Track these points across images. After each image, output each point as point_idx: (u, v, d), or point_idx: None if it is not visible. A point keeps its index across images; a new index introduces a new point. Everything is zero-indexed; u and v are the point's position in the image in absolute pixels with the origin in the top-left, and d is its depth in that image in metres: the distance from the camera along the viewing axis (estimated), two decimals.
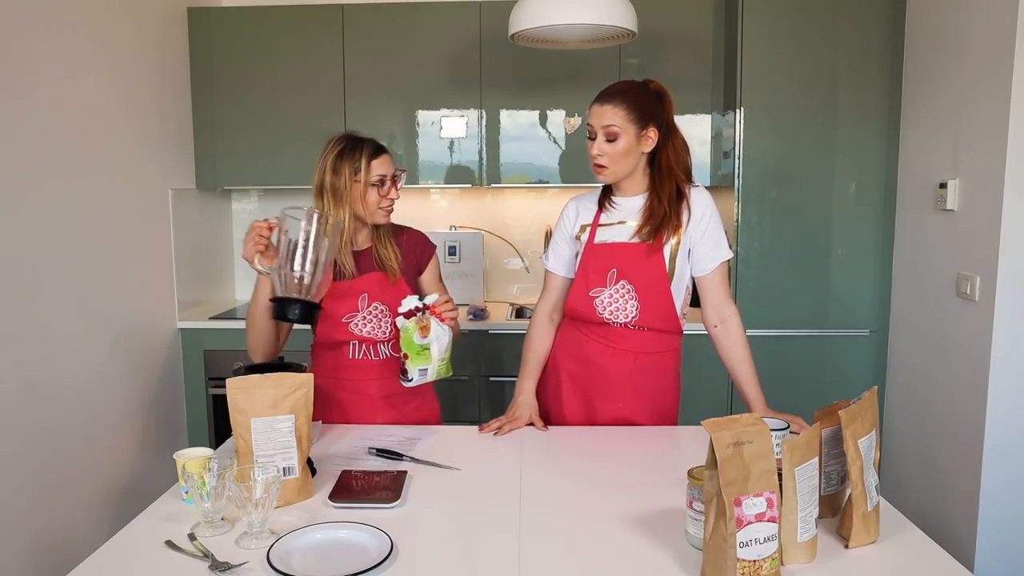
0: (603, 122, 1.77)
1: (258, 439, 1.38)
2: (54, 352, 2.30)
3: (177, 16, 3.09)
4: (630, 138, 1.77)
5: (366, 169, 1.80)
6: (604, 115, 1.77)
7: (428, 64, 3.12)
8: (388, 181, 1.84)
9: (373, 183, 1.81)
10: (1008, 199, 2.24)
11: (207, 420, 3.12)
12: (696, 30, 3.04)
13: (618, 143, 1.77)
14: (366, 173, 1.79)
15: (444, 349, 1.72)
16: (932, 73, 2.64)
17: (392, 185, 1.85)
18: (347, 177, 1.79)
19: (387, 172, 1.83)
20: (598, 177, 1.85)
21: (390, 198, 1.85)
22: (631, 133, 1.77)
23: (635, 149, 1.79)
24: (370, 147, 1.82)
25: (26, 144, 2.19)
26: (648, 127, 1.78)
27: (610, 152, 1.78)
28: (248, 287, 3.61)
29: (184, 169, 3.16)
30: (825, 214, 2.92)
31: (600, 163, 1.80)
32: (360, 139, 1.84)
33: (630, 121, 1.76)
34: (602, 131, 1.77)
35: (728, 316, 1.88)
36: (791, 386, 2.89)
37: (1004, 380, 2.30)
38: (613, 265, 1.85)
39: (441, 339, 1.71)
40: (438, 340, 1.70)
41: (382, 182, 1.82)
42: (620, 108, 1.77)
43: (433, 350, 1.70)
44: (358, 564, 1.15)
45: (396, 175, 1.86)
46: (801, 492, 1.15)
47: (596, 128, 1.79)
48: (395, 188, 1.86)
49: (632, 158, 1.80)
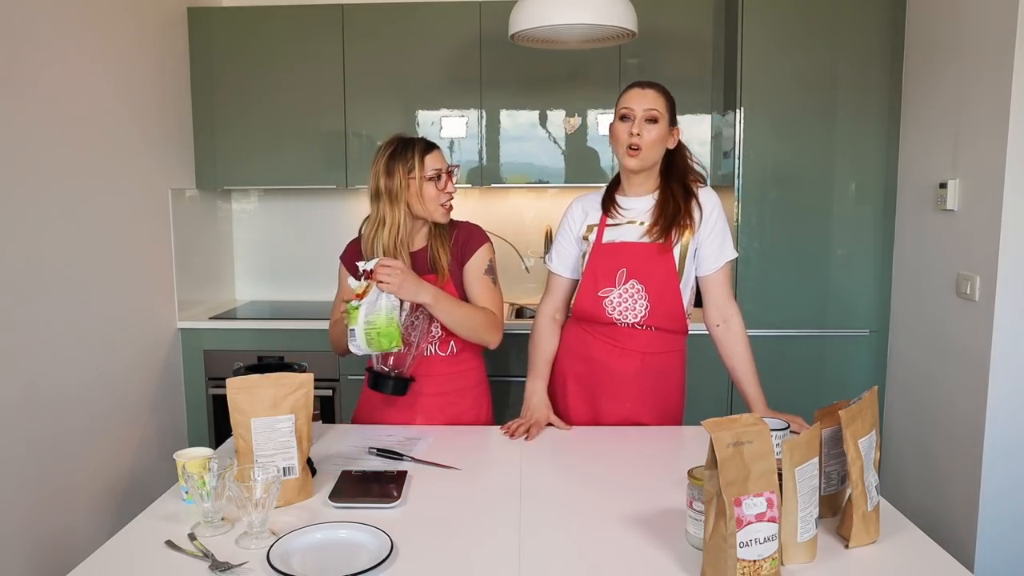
0: (646, 104, 1.80)
1: (258, 439, 1.39)
2: (53, 351, 2.30)
3: (177, 16, 3.09)
4: (664, 127, 1.81)
5: (420, 166, 1.80)
6: (647, 98, 1.80)
7: (428, 64, 3.12)
8: (444, 175, 1.84)
9: (429, 177, 1.81)
10: (1008, 199, 2.24)
11: (207, 420, 3.12)
12: (696, 30, 3.04)
13: (656, 128, 1.80)
14: (420, 169, 1.80)
15: (378, 315, 1.66)
16: (932, 73, 2.64)
17: (448, 179, 1.85)
18: (402, 176, 1.80)
19: (441, 166, 1.84)
20: (629, 162, 1.82)
21: (448, 192, 1.85)
22: (665, 123, 1.81)
23: (664, 140, 1.83)
24: (421, 144, 1.84)
25: (26, 144, 2.19)
26: (675, 125, 1.85)
27: (648, 135, 1.79)
28: (248, 287, 3.63)
29: (184, 169, 3.16)
30: (825, 214, 2.92)
31: (637, 143, 1.79)
32: (409, 139, 1.85)
33: (667, 111, 1.82)
34: (644, 112, 1.79)
35: (730, 316, 1.88)
36: (791, 386, 2.89)
37: (1004, 380, 2.30)
38: (622, 265, 1.85)
39: (375, 303, 1.66)
40: (370, 304, 1.66)
41: (438, 176, 1.83)
42: (661, 96, 1.82)
43: (360, 312, 1.65)
44: (358, 564, 1.15)
45: (450, 169, 1.87)
46: (801, 492, 1.15)
47: (637, 110, 1.79)
48: (451, 182, 1.86)
49: (661, 148, 1.83)
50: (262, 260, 3.63)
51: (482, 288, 1.89)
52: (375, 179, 1.82)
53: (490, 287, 1.90)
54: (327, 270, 1.90)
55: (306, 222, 3.57)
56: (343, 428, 1.86)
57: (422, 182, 1.81)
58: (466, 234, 1.92)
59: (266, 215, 3.61)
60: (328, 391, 3.03)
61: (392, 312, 1.67)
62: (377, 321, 1.66)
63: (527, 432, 1.80)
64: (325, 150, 3.19)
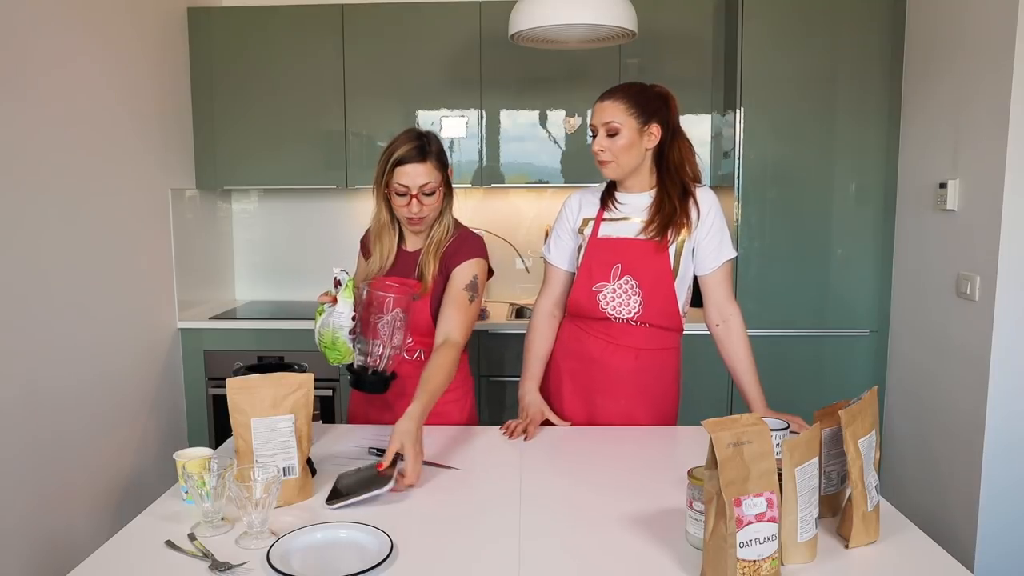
0: (603, 119, 1.81)
1: (258, 439, 1.39)
2: (53, 351, 2.30)
3: (177, 16, 3.09)
4: (632, 132, 1.79)
5: (387, 175, 1.75)
6: (604, 111, 1.81)
7: (428, 64, 3.12)
8: (411, 195, 1.73)
9: (396, 192, 1.75)
10: (1008, 199, 2.24)
11: (207, 420, 3.12)
12: (696, 30, 3.04)
13: (619, 138, 1.79)
14: (388, 178, 1.75)
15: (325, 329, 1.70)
16: (932, 73, 2.64)
17: (414, 199, 1.74)
18: (379, 175, 1.77)
19: (410, 184, 1.73)
20: (603, 172, 1.86)
21: (413, 212, 1.75)
22: (632, 128, 1.79)
23: (638, 144, 1.81)
24: (404, 151, 1.73)
25: (26, 144, 2.19)
26: (650, 123, 1.81)
27: (611, 147, 1.80)
28: (248, 287, 3.63)
29: (184, 169, 3.16)
30: (825, 214, 2.92)
31: (603, 159, 1.82)
32: (408, 139, 1.75)
33: (630, 116, 1.79)
34: (603, 127, 1.80)
35: (730, 315, 1.88)
36: (791, 386, 2.89)
37: (1004, 380, 2.30)
38: (617, 260, 1.85)
39: (328, 317, 1.70)
40: (326, 315, 1.71)
41: (404, 193, 1.74)
42: (620, 103, 1.80)
43: (318, 320, 1.72)
44: (358, 564, 1.15)
45: (426, 191, 1.74)
46: (801, 492, 1.15)
47: (597, 125, 1.82)
48: (418, 202, 1.74)
49: (635, 153, 1.82)
50: (262, 260, 3.63)
51: (455, 307, 1.78)
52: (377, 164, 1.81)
53: (464, 307, 1.79)
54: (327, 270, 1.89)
55: (306, 222, 3.57)
56: (343, 428, 1.86)
57: (391, 191, 1.76)
58: (459, 243, 1.85)
59: (266, 215, 3.61)
60: (328, 391, 3.03)
61: (337, 332, 1.69)
62: (324, 335, 1.71)
63: (525, 432, 1.80)
64: (325, 150, 3.19)
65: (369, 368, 1.73)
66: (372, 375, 1.73)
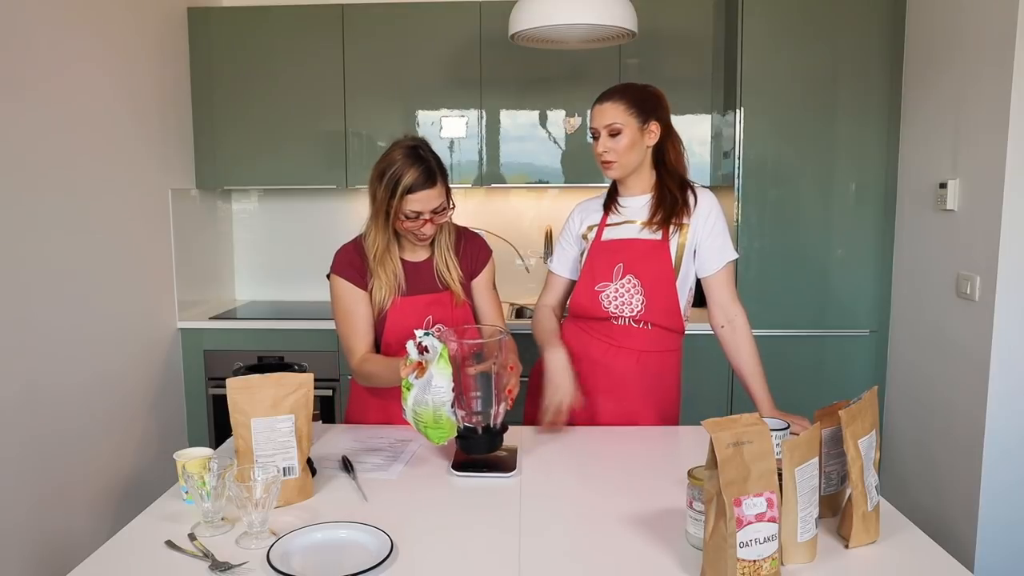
0: (605, 120, 1.81)
1: (258, 439, 1.39)
2: (53, 351, 2.30)
3: (177, 16, 3.09)
4: (633, 132, 1.81)
5: (397, 204, 1.69)
6: (604, 113, 1.82)
7: (428, 64, 3.12)
8: (423, 217, 1.71)
9: (407, 217, 1.71)
10: (1008, 199, 2.24)
11: (207, 420, 3.12)
12: (696, 30, 3.04)
13: (622, 138, 1.81)
14: (399, 206, 1.69)
15: (425, 409, 1.47)
16: (932, 73, 2.63)
17: (427, 222, 1.72)
18: (382, 201, 1.71)
19: (423, 208, 1.69)
20: (607, 174, 1.87)
21: (424, 232, 1.74)
22: (633, 127, 1.81)
23: (640, 143, 1.83)
24: (412, 178, 1.67)
25: (26, 144, 2.19)
26: (650, 121, 1.83)
27: (615, 148, 1.81)
28: (248, 287, 3.63)
29: (184, 169, 3.16)
30: (825, 214, 2.92)
31: (607, 159, 1.83)
32: (411, 162, 1.68)
33: (631, 115, 1.81)
34: (605, 129, 1.81)
35: (735, 316, 1.89)
36: (791, 386, 2.88)
37: (1004, 380, 2.30)
38: (619, 260, 1.86)
39: (424, 393, 1.47)
40: (421, 389, 1.47)
41: (416, 216, 1.71)
42: (619, 104, 1.81)
43: (410, 396, 1.48)
44: (358, 564, 1.15)
45: (437, 211, 1.72)
46: (801, 492, 1.15)
47: (599, 128, 1.83)
48: (431, 224, 1.73)
49: (638, 152, 1.83)
50: (262, 260, 3.62)
51: (491, 303, 1.92)
52: (369, 185, 1.75)
53: (497, 301, 1.94)
54: (327, 270, 1.89)
55: (306, 222, 3.57)
56: (342, 428, 1.86)
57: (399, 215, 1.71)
58: (474, 247, 1.91)
59: (266, 215, 3.61)
60: (328, 391, 3.03)
61: (440, 408, 1.46)
62: (423, 415, 1.48)
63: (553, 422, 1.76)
64: (325, 150, 3.19)
65: (478, 427, 1.55)
66: (485, 434, 1.55)
